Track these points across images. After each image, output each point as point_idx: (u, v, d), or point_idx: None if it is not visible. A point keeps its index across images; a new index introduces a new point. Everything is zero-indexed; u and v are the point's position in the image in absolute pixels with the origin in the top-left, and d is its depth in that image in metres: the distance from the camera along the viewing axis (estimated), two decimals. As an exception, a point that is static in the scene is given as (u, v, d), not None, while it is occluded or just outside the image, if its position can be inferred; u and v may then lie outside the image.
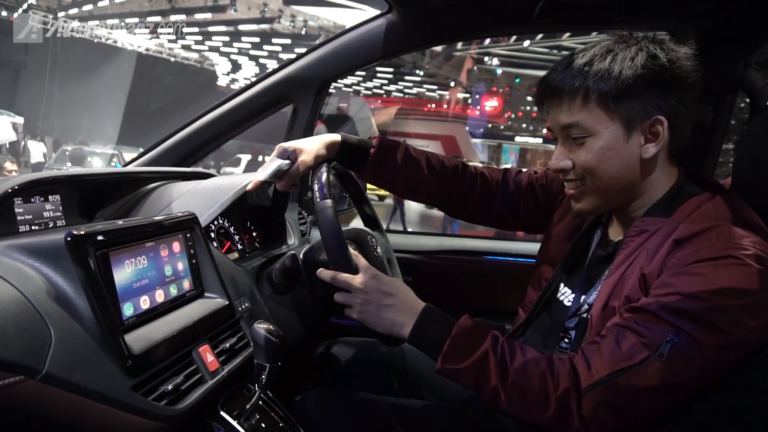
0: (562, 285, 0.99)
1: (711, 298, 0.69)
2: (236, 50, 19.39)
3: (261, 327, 0.86)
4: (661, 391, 0.71)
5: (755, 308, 0.70)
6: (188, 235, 0.92)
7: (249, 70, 21.05)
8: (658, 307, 0.72)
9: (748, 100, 1.29)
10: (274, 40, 18.42)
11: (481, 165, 1.24)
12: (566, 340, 0.92)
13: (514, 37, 16.69)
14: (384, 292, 0.91)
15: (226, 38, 18.38)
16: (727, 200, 0.81)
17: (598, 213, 0.92)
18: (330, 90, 1.61)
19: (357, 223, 1.40)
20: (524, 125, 27.44)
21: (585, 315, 0.89)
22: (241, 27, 17.64)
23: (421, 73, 22.81)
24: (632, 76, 0.79)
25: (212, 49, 19.05)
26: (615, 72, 0.80)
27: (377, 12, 1.47)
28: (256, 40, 18.42)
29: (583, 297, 0.92)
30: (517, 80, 23.59)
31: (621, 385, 0.71)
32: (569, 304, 0.94)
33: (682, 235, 0.77)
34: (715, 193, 0.83)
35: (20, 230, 0.88)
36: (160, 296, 0.83)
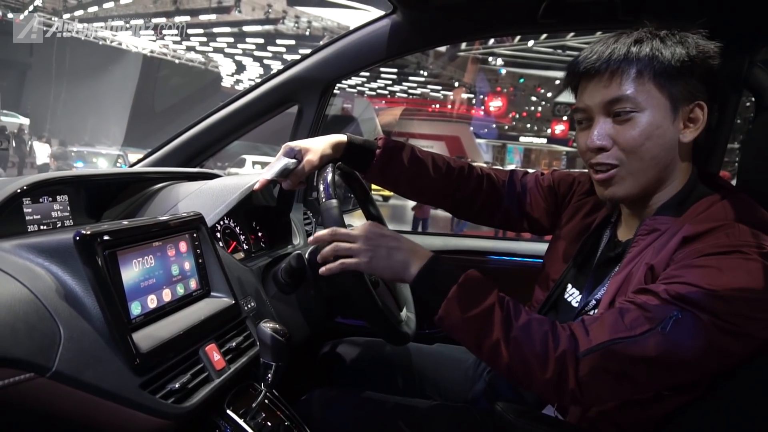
0: (569, 286, 0.99)
1: (717, 289, 0.69)
2: (241, 51, 19.44)
3: (267, 326, 0.87)
4: (660, 365, 0.70)
5: (762, 304, 0.69)
6: (195, 235, 0.93)
7: (253, 71, 21.11)
8: (664, 290, 0.72)
9: (753, 98, 1.28)
10: (278, 41, 18.47)
11: (486, 166, 1.24)
12: None
13: (518, 37, 16.65)
14: (390, 236, 0.90)
15: (231, 39, 18.43)
16: (738, 201, 0.81)
17: (627, 202, 0.89)
18: (334, 91, 1.62)
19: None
20: (528, 125, 27.37)
21: (592, 312, 0.89)
22: (246, 28, 17.69)
23: (425, 73, 22.80)
24: (685, 55, 0.80)
25: (217, 50, 19.11)
26: (669, 51, 0.80)
27: (381, 13, 1.47)
28: (261, 41, 18.46)
29: (589, 296, 0.92)
30: (522, 80, 23.54)
31: (619, 353, 0.70)
32: (576, 304, 0.94)
33: (691, 232, 0.77)
34: (725, 194, 0.83)
35: (29, 230, 0.89)
36: (167, 295, 0.84)
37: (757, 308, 0.69)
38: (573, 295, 0.97)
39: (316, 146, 1.05)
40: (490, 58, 21.23)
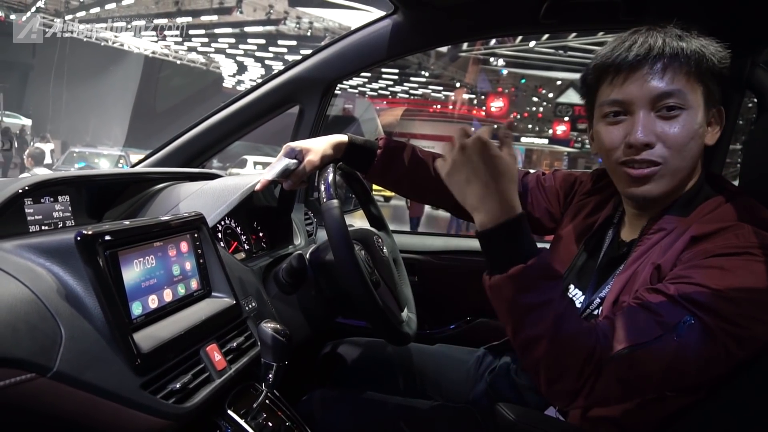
0: (572, 287, 0.98)
1: (726, 291, 0.68)
2: (242, 52, 19.46)
3: (268, 326, 0.87)
4: (672, 373, 0.69)
5: None
6: (196, 235, 0.93)
7: (255, 71, 21.13)
8: (674, 291, 0.71)
9: (755, 99, 1.28)
10: (279, 42, 18.49)
11: None
12: None
13: (519, 38, 16.65)
14: (481, 165, 0.74)
15: (232, 40, 18.46)
16: (745, 202, 0.80)
17: (661, 198, 0.84)
18: (336, 91, 1.62)
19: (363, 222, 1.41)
20: (530, 126, 27.36)
21: (595, 311, 0.89)
22: (247, 29, 17.72)
23: (427, 74, 22.80)
24: (722, 58, 0.81)
25: (218, 51, 19.14)
26: (710, 51, 0.80)
27: (383, 13, 1.47)
28: (262, 41, 18.49)
29: (593, 296, 0.92)
30: (523, 81, 23.52)
31: (634, 361, 0.68)
32: (579, 305, 0.94)
33: (700, 232, 0.76)
34: (731, 195, 0.83)
35: (30, 230, 0.89)
36: (168, 295, 0.84)
37: (763, 310, 0.69)
38: (576, 296, 0.96)
39: (317, 146, 1.05)
40: (492, 59, 21.22)
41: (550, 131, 23.87)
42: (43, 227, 0.92)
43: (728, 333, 0.68)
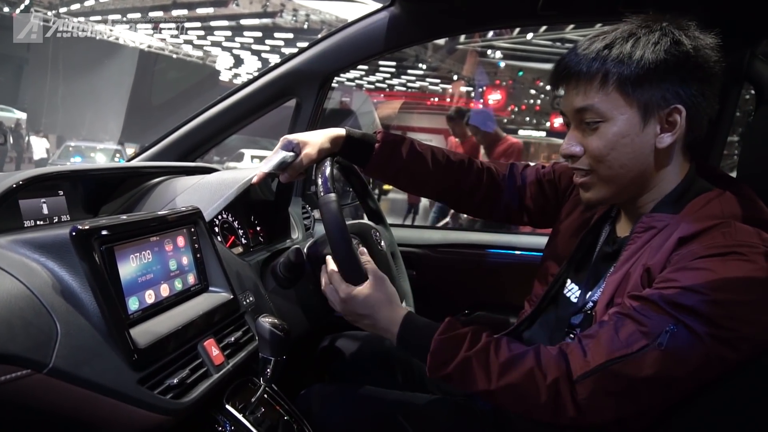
0: (569, 281, 0.98)
1: (713, 293, 0.68)
2: (238, 45, 19.35)
3: (266, 321, 0.87)
4: (660, 383, 0.69)
5: (760, 306, 0.68)
6: (192, 230, 0.92)
7: (251, 64, 21.01)
8: (659, 297, 0.71)
9: (753, 91, 1.28)
10: (276, 35, 18.37)
11: (486, 159, 1.24)
12: (571, 335, 0.92)
13: (517, 30, 16.58)
14: (359, 314, 0.93)
15: (229, 33, 18.34)
16: (736, 195, 0.79)
17: (608, 204, 0.89)
18: (333, 84, 1.61)
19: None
20: (527, 118, 27.32)
21: (590, 312, 0.89)
22: (243, 21, 17.60)
23: (424, 66, 22.72)
24: (654, 61, 0.77)
25: (214, 44, 19.01)
26: (636, 56, 0.78)
27: (379, 5, 1.46)
28: (259, 34, 18.37)
29: (588, 293, 0.91)
30: (521, 73, 23.44)
31: (618, 373, 0.70)
32: (575, 300, 0.94)
33: (686, 232, 0.75)
34: (725, 187, 0.82)
35: (25, 225, 0.88)
36: (165, 290, 0.83)
37: (756, 311, 0.68)
38: (572, 291, 0.96)
39: (315, 140, 1.04)
40: (489, 51, 21.12)
41: (548, 124, 23.84)
42: (38, 222, 0.91)
43: (716, 336, 0.68)
